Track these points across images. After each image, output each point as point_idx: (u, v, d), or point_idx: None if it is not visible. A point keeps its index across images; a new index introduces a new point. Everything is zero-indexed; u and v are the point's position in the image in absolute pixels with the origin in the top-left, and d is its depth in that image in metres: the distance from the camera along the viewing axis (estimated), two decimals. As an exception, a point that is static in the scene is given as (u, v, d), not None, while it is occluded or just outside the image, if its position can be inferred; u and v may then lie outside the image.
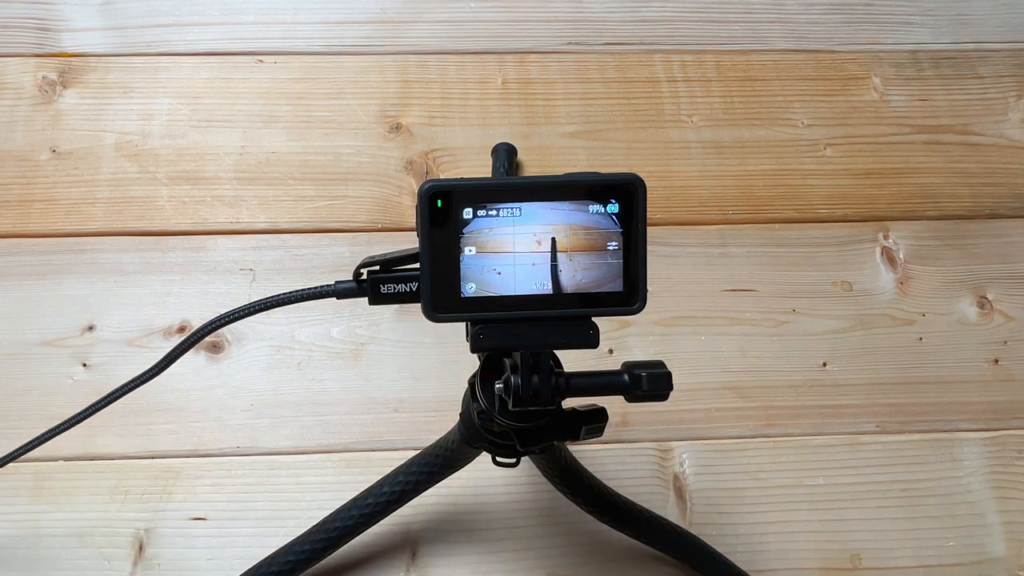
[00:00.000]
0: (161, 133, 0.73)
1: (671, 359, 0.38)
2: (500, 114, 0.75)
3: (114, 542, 0.60)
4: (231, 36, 0.77)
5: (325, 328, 0.67)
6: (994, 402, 0.67)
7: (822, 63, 0.79)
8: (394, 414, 0.64)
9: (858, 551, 0.61)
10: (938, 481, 0.64)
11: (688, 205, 0.72)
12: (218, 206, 0.71)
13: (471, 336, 0.34)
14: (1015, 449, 0.65)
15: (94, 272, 0.68)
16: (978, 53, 0.80)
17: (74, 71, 0.75)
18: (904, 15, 0.81)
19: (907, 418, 0.66)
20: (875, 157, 0.75)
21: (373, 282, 0.34)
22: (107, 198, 0.70)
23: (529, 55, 0.77)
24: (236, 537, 0.60)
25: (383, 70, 0.76)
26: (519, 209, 0.32)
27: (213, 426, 0.63)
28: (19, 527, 0.60)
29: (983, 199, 0.74)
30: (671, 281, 0.69)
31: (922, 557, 0.61)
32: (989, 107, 0.77)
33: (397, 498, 0.53)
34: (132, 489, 0.61)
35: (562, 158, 0.73)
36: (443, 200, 0.32)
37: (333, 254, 0.69)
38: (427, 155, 0.73)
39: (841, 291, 0.70)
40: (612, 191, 0.32)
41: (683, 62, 0.78)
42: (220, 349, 0.66)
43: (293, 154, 0.73)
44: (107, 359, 0.65)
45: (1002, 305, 0.70)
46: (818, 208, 0.73)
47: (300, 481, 0.62)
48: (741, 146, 0.75)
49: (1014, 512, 0.63)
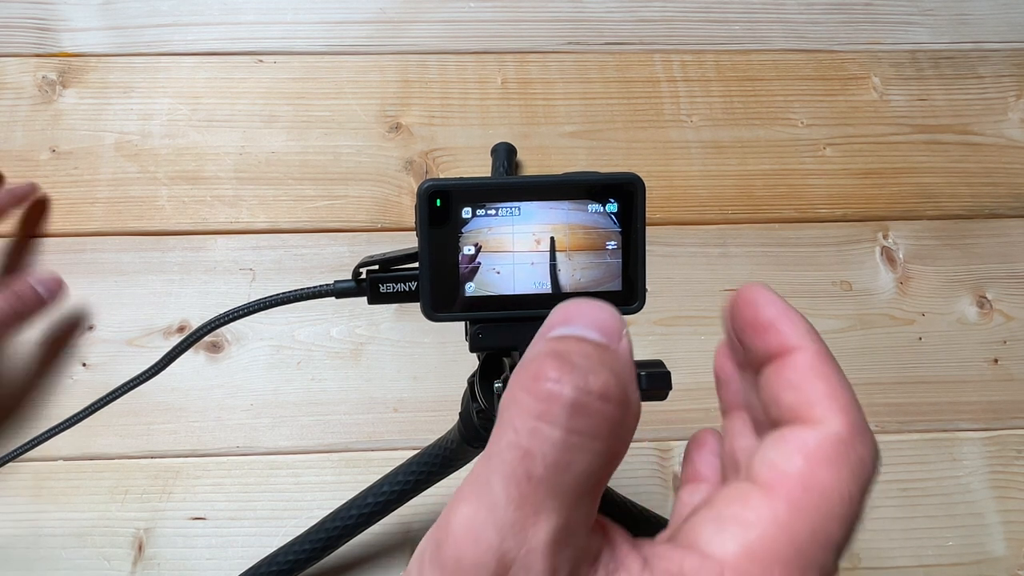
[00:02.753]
0: (161, 133, 0.73)
1: (671, 359, 0.38)
2: (500, 114, 0.75)
3: (114, 542, 0.60)
4: (231, 36, 0.77)
5: (325, 328, 0.67)
6: (994, 402, 0.67)
7: (822, 63, 0.79)
8: (394, 414, 0.64)
9: (857, 551, 0.61)
10: (937, 481, 0.64)
11: (688, 205, 0.72)
12: (218, 206, 0.71)
13: (470, 336, 0.34)
14: (1014, 449, 0.65)
15: (94, 272, 0.68)
16: (978, 53, 0.80)
17: (74, 71, 0.75)
18: (904, 15, 0.81)
19: (906, 418, 0.66)
20: (875, 157, 0.75)
21: (372, 281, 0.34)
22: (107, 198, 0.70)
23: (529, 55, 0.77)
24: (236, 537, 0.60)
25: (383, 70, 0.76)
26: (518, 208, 0.32)
27: (213, 426, 0.63)
28: (18, 527, 0.60)
29: (983, 199, 0.74)
30: (671, 281, 0.69)
31: (921, 557, 0.61)
32: (989, 107, 0.77)
33: (397, 498, 0.54)
34: (132, 489, 0.61)
35: (562, 158, 0.73)
36: (442, 199, 0.32)
37: (333, 254, 0.69)
38: (427, 155, 0.73)
39: (841, 291, 0.70)
40: (611, 190, 0.32)
41: (683, 62, 0.78)
42: (220, 349, 0.66)
43: (293, 154, 0.73)
44: (107, 359, 0.65)
45: (1002, 305, 0.70)
46: (818, 208, 0.73)
47: (300, 481, 0.62)
48: (741, 146, 0.75)
49: (1013, 512, 0.63)
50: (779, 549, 0.21)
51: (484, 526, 0.20)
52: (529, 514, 0.20)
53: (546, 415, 0.20)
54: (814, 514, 0.22)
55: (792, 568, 0.21)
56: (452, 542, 0.20)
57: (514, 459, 0.20)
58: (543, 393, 0.20)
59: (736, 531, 0.22)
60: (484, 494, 0.20)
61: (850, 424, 0.23)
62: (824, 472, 0.22)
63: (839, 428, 0.23)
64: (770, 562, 0.21)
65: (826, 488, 0.22)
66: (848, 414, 0.23)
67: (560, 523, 0.20)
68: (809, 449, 0.22)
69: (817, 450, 0.22)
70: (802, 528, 0.21)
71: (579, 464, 0.20)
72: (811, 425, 0.23)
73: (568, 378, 0.20)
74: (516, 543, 0.20)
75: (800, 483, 0.22)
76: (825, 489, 0.22)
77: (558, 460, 0.20)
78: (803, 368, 0.24)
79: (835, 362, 0.25)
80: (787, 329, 0.25)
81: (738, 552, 0.21)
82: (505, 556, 0.20)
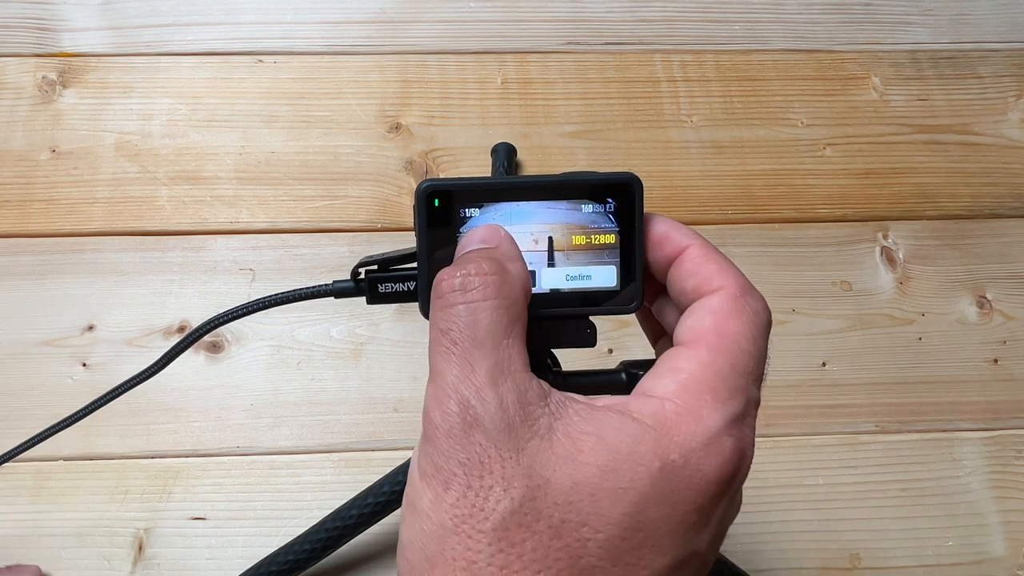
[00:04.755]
0: (161, 133, 0.73)
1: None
2: (500, 114, 0.75)
3: (114, 542, 0.60)
4: (231, 36, 0.77)
5: (325, 328, 0.67)
6: (994, 402, 0.67)
7: (822, 63, 0.79)
8: (394, 414, 0.64)
9: (857, 551, 0.61)
10: (937, 481, 0.64)
11: (688, 205, 0.72)
12: (218, 206, 0.71)
13: (469, 335, 0.34)
14: (1014, 449, 0.65)
15: (94, 272, 0.68)
16: (978, 53, 0.80)
17: (74, 71, 0.75)
18: (904, 15, 0.81)
19: (906, 418, 0.66)
20: (875, 157, 0.75)
21: (371, 281, 0.34)
22: (107, 198, 0.70)
23: (529, 55, 0.77)
24: (236, 537, 0.60)
25: (383, 70, 0.76)
26: (517, 208, 0.32)
27: (213, 426, 0.63)
28: (18, 527, 0.60)
29: (983, 199, 0.74)
30: (670, 281, 0.69)
31: (921, 557, 0.61)
32: (989, 107, 0.77)
33: (397, 498, 0.54)
34: (132, 489, 0.61)
35: (562, 158, 0.73)
36: (441, 199, 0.32)
37: (333, 254, 0.69)
38: (427, 155, 0.73)
39: (840, 291, 0.70)
40: (610, 190, 0.32)
41: (683, 62, 0.78)
42: (220, 349, 0.66)
43: (293, 154, 0.73)
44: (107, 359, 0.65)
45: (1002, 305, 0.70)
46: (818, 208, 0.73)
47: (300, 481, 0.62)
48: (741, 146, 0.75)
49: (1013, 512, 0.63)
50: (707, 379, 0.27)
51: (442, 392, 0.26)
52: (466, 368, 0.26)
53: (447, 301, 0.28)
54: (730, 351, 0.28)
55: (720, 392, 0.27)
56: (428, 418, 0.27)
57: (439, 338, 0.27)
58: (442, 289, 0.28)
59: (671, 376, 0.28)
60: (434, 375, 0.27)
61: (740, 285, 0.30)
62: (730, 321, 0.28)
63: (733, 289, 0.29)
64: (702, 391, 0.27)
65: (734, 332, 0.28)
66: (737, 279, 0.30)
67: (491, 363, 0.26)
68: (715, 307, 0.29)
69: (721, 307, 0.29)
70: (723, 363, 0.28)
71: (484, 319, 0.27)
72: (712, 292, 0.30)
73: (456, 272, 0.28)
74: (467, 390, 0.26)
75: (714, 332, 0.28)
76: (733, 332, 0.28)
77: (466, 323, 0.27)
78: (696, 257, 0.31)
79: (718, 250, 0.31)
80: (676, 235, 0.31)
81: (675, 389, 0.27)
82: (464, 402, 0.26)
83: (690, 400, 0.27)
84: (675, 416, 0.26)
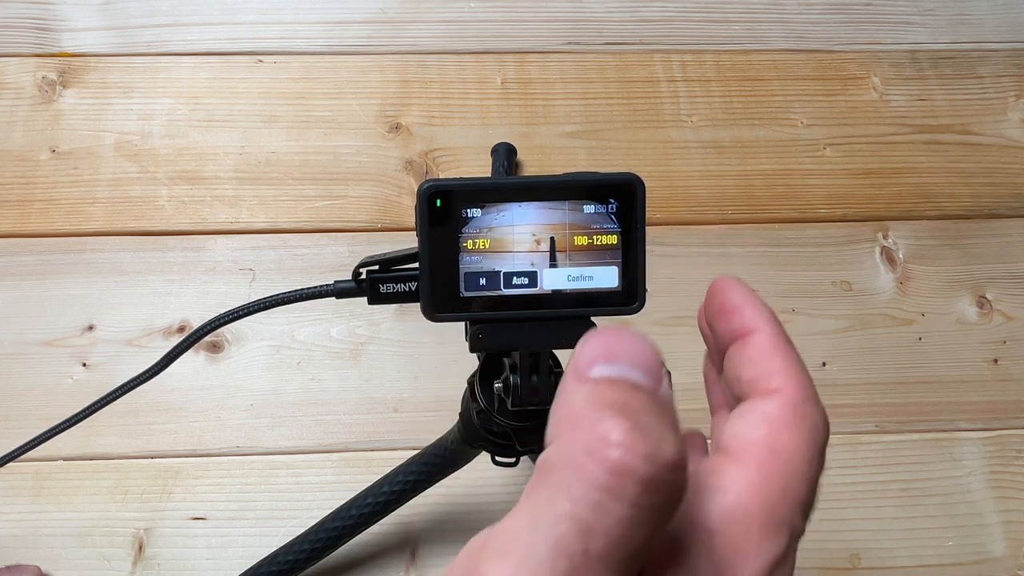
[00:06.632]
0: (161, 133, 0.73)
1: (671, 359, 0.38)
2: (500, 114, 0.75)
3: (114, 542, 0.60)
4: (231, 36, 0.77)
5: (325, 328, 0.67)
6: (993, 402, 0.67)
7: (822, 63, 0.79)
8: (394, 414, 0.64)
9: (857, 551, 0.61)
10: (937, 481, 0.64)
11: (688, 205, 0.72)
12: (218, 206, 0.71)
13: (470, 336, 0.34)
14: (1014, 449, 0.65)
15: (94, 272, 0.68)
16: (978, 53, 0.80)
17: (74, 71, 0.75)
18: (904, 15, 0.81)
19: (906, 418, 0.66)
20: (875, 157, 0.75)
21: (372, 282, 0.34)
22: (107, 198, 0.70)
23: (529, 55, 0.77)
24: (236, 537, 0.60)
25: (383, 70, 0.76)
26: (518, 209, 0.32)
27: (213, 426, 0.63)
28: (19, 527, 0.60)
29: (983, 199, 0.74)
30: (671, 281, 0.69)
31: (921, 557, 0.61)
32: (989, 107, 0.77)
33: (397, 498, 0.53)
34: (132, 489, 0.61)
35: (562, 158, 0.73)
36: (442, 200, 0.31)
37: (333, 254, 0.69)
38: (427, 155, 0.73)
39: (840, 291, 0.70)
40: (611, 191, 0.32)
41: (683, 62, 0.78)
42: (220, 349, 0.66)
43: (293, 154, 0.73)
44: (107, 359, 0.65)
45: (1001, 305, 0.70)
46: (817, 208, 0.73)
47: (300, 481, 0.62)
48: (741, 146, 0.75)
49: (1013, 512, 0.63)
50: (753, 511, 0.22)
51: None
52: None
53: (615, 490, 0.18)
54: (781, 475, 0.23)
55: (767, 527, 0.22)
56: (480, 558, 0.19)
57: (570, 533, 0.18)
58: (611, 464, 0.18)
59: (716, 499, 0.23)
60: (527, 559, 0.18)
61: (803, 391, 0.24)
62: (786, 435, 0.23)
63: (794, 395, 0.24)
64: (748, 523, 0.22)
65: (789, 450, 0.23)
66: (800, 382, 0.25)
67: None
68: (771, 416, 0.24)
69: (778, 417, 0.24)
70: (772, 489, 0.23)
71: (639, 537, 0.18)
72: (770, 395, 0.24)
73: (640, 447, 0.18)
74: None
75: (766, 447, 0.23)
76: (788, 451, 0.23)
77: (621, 536, 0.18)
78: (762, 346, 0.26)
79: (791, 342, 0.26)
80: (749, 312, 0.26)
81: (719, 517, 0.22)
82: None
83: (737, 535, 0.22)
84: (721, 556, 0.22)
